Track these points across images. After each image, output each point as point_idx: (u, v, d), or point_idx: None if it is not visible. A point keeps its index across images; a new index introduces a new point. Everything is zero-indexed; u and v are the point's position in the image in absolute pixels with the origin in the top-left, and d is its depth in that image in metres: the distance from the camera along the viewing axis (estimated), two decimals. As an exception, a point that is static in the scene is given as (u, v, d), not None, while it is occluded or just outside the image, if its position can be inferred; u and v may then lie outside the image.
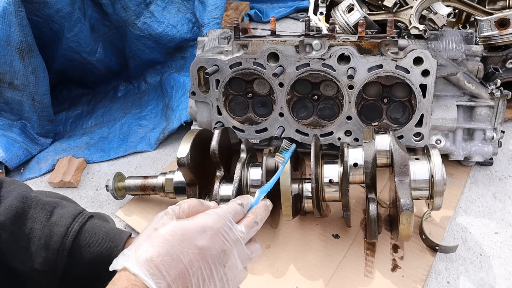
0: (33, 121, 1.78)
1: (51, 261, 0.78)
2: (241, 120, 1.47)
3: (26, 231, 0.78)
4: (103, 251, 0.81)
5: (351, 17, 1.50)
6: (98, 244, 0.82)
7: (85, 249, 0.81)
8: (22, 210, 0.79)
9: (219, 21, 1.93)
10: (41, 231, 0.79)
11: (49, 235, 0.79)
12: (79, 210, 0.85)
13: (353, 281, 1.13)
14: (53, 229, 0.80)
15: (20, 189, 0.83)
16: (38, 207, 0.81)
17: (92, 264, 0.81)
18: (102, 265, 0.79)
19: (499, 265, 1.17)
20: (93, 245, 0.81)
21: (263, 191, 0.78)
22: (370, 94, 1.37)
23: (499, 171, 1.46)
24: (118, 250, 0.82)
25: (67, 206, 0.85)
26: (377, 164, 1.11)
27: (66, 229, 0.80)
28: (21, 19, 1.52)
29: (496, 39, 1.46)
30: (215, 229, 0.64)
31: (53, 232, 0.79)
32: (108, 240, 0.83)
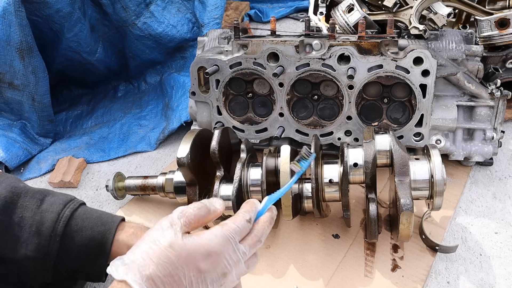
0: (33, 121, 1.77)
1: (44, 247, 0.78)
2: (241, 120, 1.47)
3: (17, 220, 0.78)
4: (95, 235, 0.81)
5: (351, 17, 1.50)
6: (90, 228, 0.82)
7: (77, 233, 0.81)
8: (11, 199, 0.79)
9: (219, 21, 1.93)
10: (32, 218, 0.79)
11: (40, 222, 0.79)
12: (70, 197, 0.85)
13: (353, 281, 1.13)
14: (44, 215, 0.80)
15: (8, 181, 0.83)
16: (28, 196, 0.81)
17: (85, 248, 0.81)
18: (95, 249, 0.81)
19: (499, 265, 1.17)
20: (85, 230, 0.81)
21: (272, 199, 0.76)
22: (370, 94, 1.37)
23: (499, 171, 1.46)
24: (111, 233, 0.82)
25: (58, 195, 0.85)
26: (377, 164, 1.11)
27: (58, 215, 0.80)
28: (21, 19, 1.52)
29: (496, 39, 1.46)
30: (219, 253, 0.65)
31: (44, 219, 0.79)
32: (100, 224, 0.83)
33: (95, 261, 0.81)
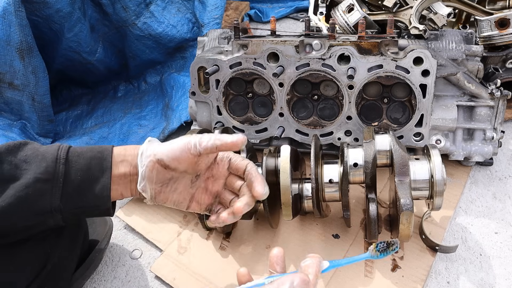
0: (33, 121, 1.77)
1: (51, 168, 0.81)
2: (241, 120, 1.47)
3: (22, 158, 0.82)
4: (95, 154, 0.85)
5: (351, 17, 1.50)
6: (90, 150, 0.86)
7: (78, 157, 0.84)
8: (13, 145, 0.83)
9: (219, 21, 1.93)
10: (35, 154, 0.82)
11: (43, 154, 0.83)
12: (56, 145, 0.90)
13: (353, 281, 1.13)
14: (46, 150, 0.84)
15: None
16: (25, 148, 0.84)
17: (88, 167, 0.84)
18: (98, 166, 0.84)
19: (499, 265, 1.17)
20: (85, 153, 0.85)
21: (335, 265, 0.76)
22: (370, 94, 1.37)
23: (499, 171, 1.46)
24: (109, 148, 0.86)
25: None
26: (377, 164, 1.11)
27: (57, 147, 0.84)
28: (21, 19, 1.52)
29: (496, 39, 1.46)
30: None
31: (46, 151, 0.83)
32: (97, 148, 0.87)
33: (99, 178, 0.84)
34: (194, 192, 0.92)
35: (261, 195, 0.88)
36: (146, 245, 1.31)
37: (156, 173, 0.85)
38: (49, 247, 0.93)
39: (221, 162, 0.92)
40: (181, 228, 1.32)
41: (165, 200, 0.89)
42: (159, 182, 0.86)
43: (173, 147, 0.84)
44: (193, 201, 0.92)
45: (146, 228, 1.34)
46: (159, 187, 0.86)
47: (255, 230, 1.29)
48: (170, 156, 0.84)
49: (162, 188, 0.87)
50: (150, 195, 0.86)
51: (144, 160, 0.84)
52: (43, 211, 0.81)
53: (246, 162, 0.92)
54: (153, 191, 0.86)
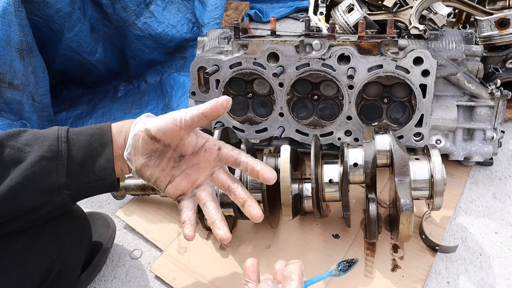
0: (33, 121, 1.77)
1: (54, 147, 0.82)
2: (241, 120, 1.47)
3: (24, 142, 0.82)
4: (95, 130, 0.87)
5: (351, 17, 1.50)
6: (89, 128, 0.88)
7: (79, 135, 0.86)
8: (12, 131, 0.84)
9: (219, 21, 1.93)
10: (36, 136, 0.84)
11: (45, 135, 0.84)
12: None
13: (353, 281, 1.13)
14: (47, 131, 0.85)
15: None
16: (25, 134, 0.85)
17: (90, 143, 0.85)
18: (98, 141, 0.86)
19: (499, 265, 1.17)
20: (84, 130, 0.87)
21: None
22: (370, 94, 1.37)
23: (499, 171, 1.46)
24: (107, 126, 0.88)
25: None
26: (377, 164, 1.11)
27: (57, 128, 0.86)
28: (21, 19, 1.52)
29: (496, 39, 1.46)
30: None
31: (47, 132, 0.85)
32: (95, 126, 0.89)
33: (101, 152, 0.85)
34: (175, 174, 0.91)
35: (272, 180, 0.88)
36: (146, 245, 1.31)
37: (143, 143, 0.86)
38: (54, 253, 0.93)
39: (209, 149, 0.90)
40: (181, 228, 1.32)
41: (148, 174, 0.89)
42: (145, 154, 0.87)
43: (162, 119, 0.86)
44: (171, 183, 0.91)
45: (146, 228, 1.34)
46: (144, 159, 0.87)
47: (255, 230, 1.29)
48: (157, 126, 0.85)
49: (146, 161, 0.87)
50: (135, 166, 0.87)
51: (135, 130, 0.86)
52: (50, 188, 0.81)
53: (237, 152, 0.91)
54: (138, 162, 0.87)
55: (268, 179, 0.89)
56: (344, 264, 0.78)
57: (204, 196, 0.91)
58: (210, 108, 0.86)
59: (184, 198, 0.92)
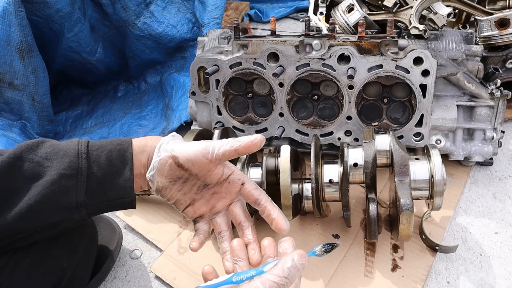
0: (33, 121, 1.77)
1: (74, 163, 0.81)
2: (241, 120, 1.47)
3: (43, 155, 0.81)
4: (115, 146, 0.85)
5: (351, 17, 1.50)
6: (109, 143, 0.86)
7: (99, 149, 0.84)
8: (31, 143, 0.82)
9: (219, 21, 1.93)
10: (56, 151, 0.82)
11: (65, 149, 0.82)
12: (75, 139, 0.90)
13: (353, 281, 1.13)
14: (66, 145, 0.84)
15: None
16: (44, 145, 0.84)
17: (110, 159, 0.84)
18: (119, 159, 0.84)
19: (499, 265, 1.17)
20: (105, 146, 0.85)
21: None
22: (370, 94, 1.37)
23: (499, 171, 1.46)
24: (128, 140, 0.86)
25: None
26: (377, 164, 1.11)
27: (77, 142, 0.84)
28: (21, 19, 1.52)
29: (496, 39, 1.46)
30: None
31: (67, 147, 0.83)
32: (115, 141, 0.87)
33: (121, 170, 0.84)
34: (196, 198, 0.90)
35: (284, 231, 0.86)
36: (146, 245, 1.31)
37: (169, 169, 0.84)
38: (66, 262, 0.94)
39: (233, 182, 0.89)
40: (181, 228, 1.32)
41: (169, 196, 0.88)
42: (169, 178, 0.85)
43: (192, 148, 0.83)
44: (190, 206, 0.90)
45: (146, 228, 1.34)
46: (167, 183, 0.86)
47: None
48: (186, 156, 0.83)
49: (170, 185, 0.86)
50: (157, 187, 0.86)
51: (161, 152, 0.83)
52: (69, 207, 0.80)
53: (259, 192, 0.89)
54: (160, 184, 0.86)
55: (280, 229, 0.87)
56: (328, 246, 0.82)
57: (220, 224, 0.90)
58: (244, 146, 0.84)
59: (200, 220, 0.91)
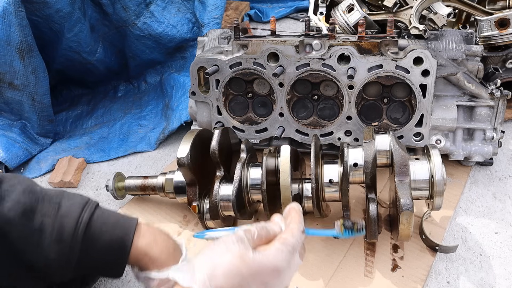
0: (33, 121, 1.78)
1: (65, 253, 0.78)
2: (241, 120, 1.47)
3: (37, 226, 0.77)
4: (114, 239, 0.81)
5: (351, 17, 1.50)
6: (109, 233, 0.81)
7: (97, 239, 0.80)
8: (30, 205, 0.79)
9: (219, 21, 1.93)
10: (52, 225, 0.78)
11: (60, 228, 0.78)
12: (86, 199, 0.84)
13: (353, 281, 1.13)
14: (64, 221, 0.79)
15: (24, 184, 0.82)
16: (45, 201, 0.80)
17: (105, 253, 0.81)
18: (114, 255, 0.81)
19: (499, 265, 1.17)
20: (104, 234, 0.81)
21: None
22: (370, 94, 1.37)
23: (499, 171, 1.46)
24: (129, 239, 0.81)
25: (73, 197, 0.84)
26: (377, 164, 1.11)
27: (76, 221, 0.79)
28: (21, 19, 1.52)
29: (496, 39, 1.46)
30: (285, 269, 0.68)
31: (64, 225, 0.78)
32: (119, 228, 0.82)
33: (114, 265, 0.82)
34: None
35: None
36: (146, 245, 1.31)
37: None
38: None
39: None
40: (181, 228, 1.32)
41: None
42: None
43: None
44: None
45: (146, 228, 1.34)
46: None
47: (255, 230, 1.29)
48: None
49: None
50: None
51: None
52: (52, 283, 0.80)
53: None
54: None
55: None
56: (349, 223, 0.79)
57: None
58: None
59: None
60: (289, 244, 0.70)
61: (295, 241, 0.71)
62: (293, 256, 0.70)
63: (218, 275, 0.62)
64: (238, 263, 0.64)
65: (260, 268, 0.65)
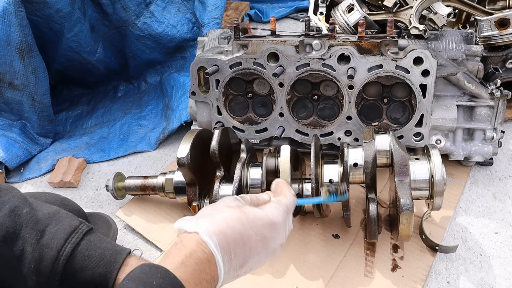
0: (33, 121, 1.77)
1: (43, 285, 0.74)
2: (241, 120, 1.47)
3: (17, 253, 0.74)
4: (96, 277, 0.76)
5: (351, 17, 1.50)
6: (91, 268, 0.76)
7: (78, 273, 0.76)
8: (13, 229, 0.75)
9: (219, 21, 1.93)
10: (32, 254, 0.74)
11: (39, 259, 0.74)
12: (74, 226, 0.79)
13: (353, 281, 1.13)
14: (44, 252, 0.75)
15: (13, 203, 0.78)
16: (29, 226, 0.76)
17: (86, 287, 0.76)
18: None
19: (499, 265, 1.17)
20: (86, 270, 0.76)
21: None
22: (370, 94, 1.37)
23: (499, 171, 1.46)
24: (112, 276, 0.76)
25: (62, 221, 0.80)
26: (377, 164, 1.11)
27: (57, 253, 0.75)
28: (21, 19, 1.52)
29: (496, 39, 1.46)
30: (281, 224, 0.73)
31: (44, 256, 0.75)
32: (102, 265, 0.77)
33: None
34: None
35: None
36: (146, 245, 1.31)
37: None
38: None
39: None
40: (181, 228, 1.32)
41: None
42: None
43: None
44: None
45: (146, 228, 1.34)
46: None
47: (255, 230, 1.29)
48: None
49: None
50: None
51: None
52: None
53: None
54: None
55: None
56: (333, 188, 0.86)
57: None
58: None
59: None
60: (284, 204, 0.76)
61: (289, 202, 0.77)
62: (288, 215, 0.75)
63: (220, 221, 0.66)
64: (238, 213, 0.69)
65: (258, 220, 0.69)
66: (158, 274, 0.60)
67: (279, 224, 0.72)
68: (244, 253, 0.68)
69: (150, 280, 0.59)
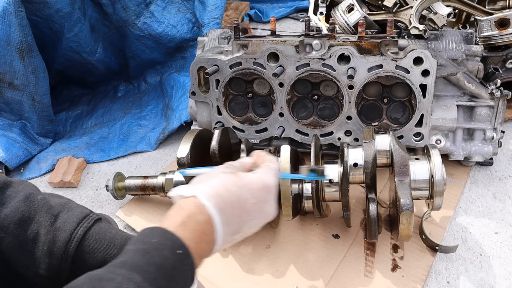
0: (33, 121, 1.77)
1: (55, 267, 0.76)
2: (241, 120, 1.47)
3: (31, 236, 0.77)
4: (107, 258, 0.79)
5: (351, 17, 1.50)
6: (103, 250, 0.80)
7: (89, 255, 0.79)
8: (28, 213, 0.78)
9: (219, 21, 1.93)
10: (45, 236, 0.77)
11: (53, 241, 0.77)
12: (86, 213, 0.83)
13: (353, 281, 1.13)
14: (57, 234, 0.78)
15: (27, 191, 0.81)
16: (43, 211, 0.80)
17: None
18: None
19: (499, 265, 1.17)
20: (98, 252, 0.79)
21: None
22: (370, 94, 1.37)
23: (499, 171, 1.46)
24: None
25: (73, 209, 0.83)
26: (377, 164, 1.11)
27: (70, 235, 0.78)
28: (21, 19, 1.52)
29: (496, 39, 1.46)
30: (272, 186, 0.75)
31: (57, 238, 0.78)
32: (113, 247, 0.81)
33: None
34: None
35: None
36: (146, 245, 1.31)
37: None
38: None
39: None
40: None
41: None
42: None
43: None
44: None
45: (146, 228, 1.33)
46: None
47: (255, 230, 1.29)
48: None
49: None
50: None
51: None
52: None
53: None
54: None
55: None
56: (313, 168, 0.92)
57: None
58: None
59: None
60: (272, 168, 0.78)
61: (276, 166, 0.79)
62: (276, 179, 0.77)
63: (217, 185, 0.68)
64: (233, 177, 0.71)
65: (252, 183, 0.71)
66: (157, 233, 0.61)
67: (272, 186, 0.75)
68: (241, 216, 0.69)
69: (150, 239, 0.60)
